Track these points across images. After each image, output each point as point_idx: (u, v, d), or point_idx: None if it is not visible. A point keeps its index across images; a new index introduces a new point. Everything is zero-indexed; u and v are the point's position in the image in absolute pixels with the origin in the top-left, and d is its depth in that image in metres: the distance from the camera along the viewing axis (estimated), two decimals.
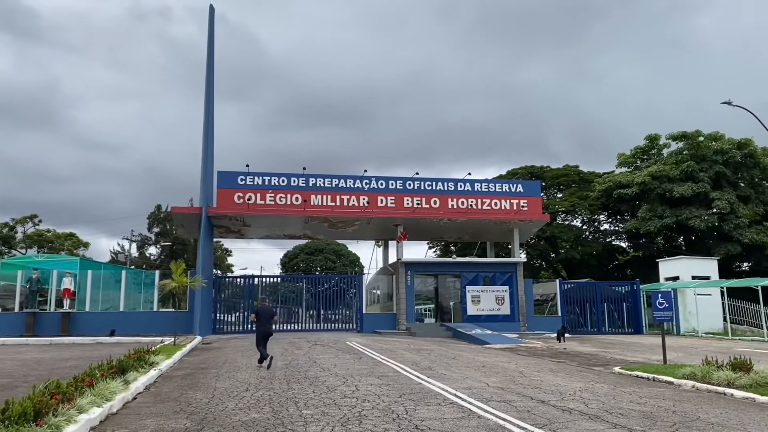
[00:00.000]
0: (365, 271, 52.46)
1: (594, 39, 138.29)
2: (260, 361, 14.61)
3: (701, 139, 40.62)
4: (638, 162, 44.66)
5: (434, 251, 47.79)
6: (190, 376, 13.18)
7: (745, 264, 41.88)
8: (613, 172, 45.88)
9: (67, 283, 27.15)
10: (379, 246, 63.81)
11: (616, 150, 47.98)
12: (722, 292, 31.49)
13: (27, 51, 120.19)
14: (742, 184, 40.54)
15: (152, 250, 71.35)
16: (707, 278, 32.67)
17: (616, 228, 46.28)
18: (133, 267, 51.77)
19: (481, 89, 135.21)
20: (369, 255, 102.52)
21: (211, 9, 29.58)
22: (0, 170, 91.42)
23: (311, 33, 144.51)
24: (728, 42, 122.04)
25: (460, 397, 10.08)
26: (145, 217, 71.62)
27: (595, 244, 45.06)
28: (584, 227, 46.42)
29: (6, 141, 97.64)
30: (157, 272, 29.12)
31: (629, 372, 14.20)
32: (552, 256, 46.64)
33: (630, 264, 46.31)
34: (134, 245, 69.17)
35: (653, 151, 44.44)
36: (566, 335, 25.65)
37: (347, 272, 61.88)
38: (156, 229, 71.77)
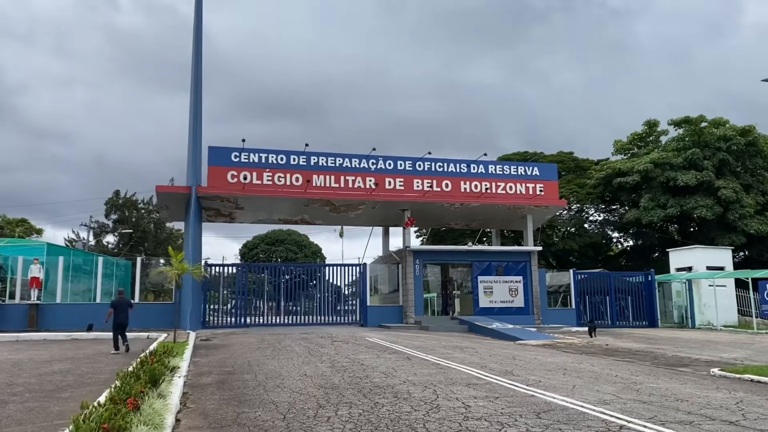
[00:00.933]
0: (328, 261, 49.90)
1: (535, 41, 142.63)
2: (116, 348, 15.99)
3: (704, 124, 39.37)
4: (635, 149, 43.30)
5: (421, 240, 45.52)
6: (226, 385, 10.49)
7: (742, 254, 40.98)
8: (608, 159, 44.48)
9: (36, 271, 23.80)
10: (340, 235, 61.26)
11: (560, 148, 46.30)
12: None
13: None
14: (743, 173, 39.51)
15: (110, 239, 67.08)
16: (721, 269, 31.33)
17: (614, 218, 44.84)
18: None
19: (430, 86, 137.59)
20: (341, 245, 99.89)
21: None
22: None
23: (261, 28, 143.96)
24: (664, 46, 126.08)
25: (615, 416, 7.76)
26: (100, 203, 67.29)
27: (592, 235, 43.56)
28: (584, 215, 44.85)
29: None
30: (139, 259, 25.93)
31: (737, 375, 12.17)
32: (544, 246, 44.92)
33: (625, 255, 45.06)
34: (91, 233, 64.79)
35: (650, 138, 43.15)
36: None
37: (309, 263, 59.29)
38: (114, 216, 67.52)
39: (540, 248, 29.75)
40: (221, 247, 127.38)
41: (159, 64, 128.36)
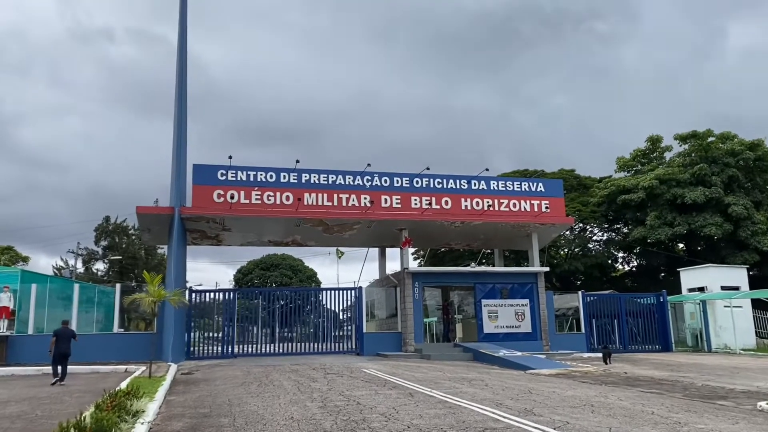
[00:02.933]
0: (323, 286, 48.07)
1: (524, 67, 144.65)
2: (58, 379, 15.65)
3: (711, 139, 38.08)
4: (639, 166, 41.95)
5: (419, 262, 43.81)
6: None
7: (754, 273, 39.41)
8: (611, 177, 43.13)
9: (5, 300, 22.00)
10: (339, 257, 59.57)
11: (555, 168, 44.85)
12: None
13: None
14: (753, 189, 38.11)
15: (99, 266, 65.16)
16: (737, 288, 29.73)
17: (619, 237, 43.27)
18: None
19: (422, 111, 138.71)
20: (337, 269, 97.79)
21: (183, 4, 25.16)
22: None
23: (253, 57, 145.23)
24: (652, 70, 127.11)
25: None
26: (92, 230, 65.64)
27: (598, 255, 41.97)
28: (588, 235, 43.30)
29: None
30: (117, 285, 24.19)
31: None
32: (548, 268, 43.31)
33: (631, 275, 43.47)
34: (80, 260, 62.88)
35: (654, 155, 41.83)
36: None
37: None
38: (104, 243, 65.73)
39: (547, 269, 28.12)
40: (216, 273, 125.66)
41: (152, 92, 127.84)
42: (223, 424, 9.50)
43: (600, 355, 25.10)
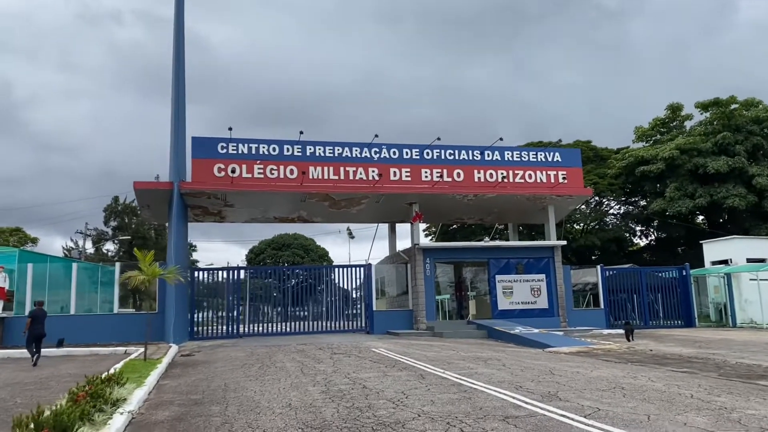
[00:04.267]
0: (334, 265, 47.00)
1: (531, 43, 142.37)
2: (34, 363, 15.24)
3: (734, 106, 36.44)
4: (658, 135, 40.40)
5: (429, 238, 42.72)
6: (182, 424, 7.83)
7: None
8: (629, 148, 41.60)
9: (0, 281, 21.21)
10: (350, 236, 58.52)
11: (570, 140, 43.34)
12: None
13: None
14: None
15: (109, 246, 64.71)
16: (763, 261, 28.39)
17: (636, 210, 41.90)
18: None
19: (429, 91, 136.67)
20: (348, 248, 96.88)
21: None
22: None
23: (259, 38, 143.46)
24: (660, 44, 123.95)
25: None
26: (101, 209, 65.14)
27: (615, 228, 40.66)
28: (604, 208, 41.94)
29: None
30: (117, 264, 23.34)
31: None
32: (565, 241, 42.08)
33: (650, 249, 42.16)
34: (89, 241, 62.41)
35: (674, 123, 40.24)
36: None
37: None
38: (113, 223, 65.22)
39: (564, 242, 26.88)
40: (229, 253, 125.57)
41: (160, 75, 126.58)
42: (213, 413, 8.54)
43: (621, 331, 24.02)
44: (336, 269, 26.55)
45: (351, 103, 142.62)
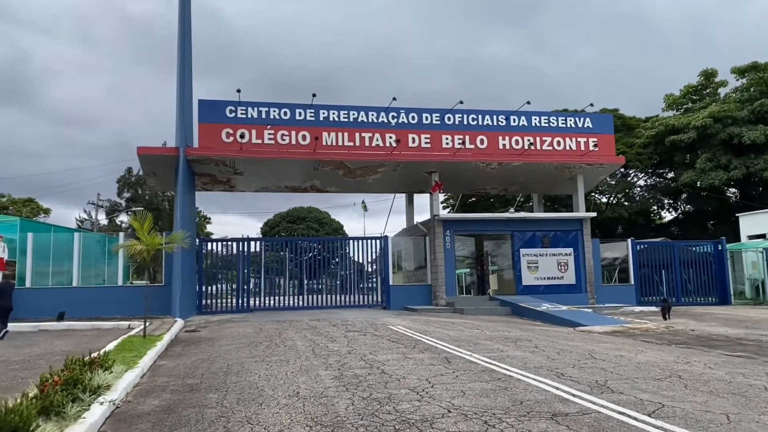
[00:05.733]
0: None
1: (549, 17, 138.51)
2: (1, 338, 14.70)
3: None
4: (690, 104, 38.40)
5: (448, 210, 41.28)
6: (170, 418, 6.62)
7: None
8: (658, 116, 39.66)
9: None
10: (364, 209, 57.16)
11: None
12: None
13: None
14: None
15: (123, 218, 64.07)
16: None
17: (664, 182, 40.11)
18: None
19: (445, 64, 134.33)
20: (363, 222, 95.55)
21: None
22: None
23: (273, 10, 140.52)
24: (681, 17, 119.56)
25: None
26: (115, 181, 64.46)
27: (643, 201, 38.94)
28: (632, 180, 40.19)
29: None
30: (121, 234, 22.26)
31: None
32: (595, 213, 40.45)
33: (678, 223, 40.43)
34: (102, 212, 61.79)
35: (707, 91, 38.19)
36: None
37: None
38: (127, 194, 64.54)
39: (594, 214, 25.35)
40: (244, 227, 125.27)
41: (175, 47, 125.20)
42: (209, 402, 7.32)
43: (653, 309, 22.74)
44: (351, 241, 25.29)
45: (366, 75, 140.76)
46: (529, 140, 23.01)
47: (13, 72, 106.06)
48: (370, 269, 25.89)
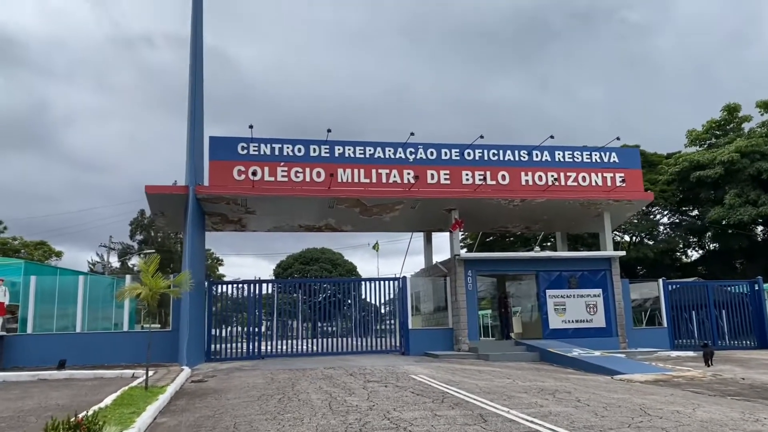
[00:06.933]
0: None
1: (556, 58, 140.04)
2: None
3: None
4: (713, 139, 37.40)
5: (465, 250, 40.06)
6: None
7: None
8: (679, 152, 38.67)
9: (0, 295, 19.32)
10: (376, 249, 56.18)
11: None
12: None
13: (15, 76, 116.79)
14: None
15: (135, 261, 63.42)
16: None
17: (688, 220, 38.81)
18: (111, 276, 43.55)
19: (454, 104, 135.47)
20: (377, 262, 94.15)
21: None
22: None
23: (286, 56, 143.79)
24: (687, 58, 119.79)
25: None
26: (127, 224, 64.18)
27: (669, 240, 37.63)
28: (655, 218, 38.95)
29: None
30: (128, 277, 21.33)
31: None
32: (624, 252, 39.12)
33: (704, 262, 38.96)
34: (114, 255, 61.22)
35: (731, 126, 37.21)
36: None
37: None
38: (139, 237, 64.17)
39: (623, 253, 24.16)
40: (257, 268, 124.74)
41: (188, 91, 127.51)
42: None
43: (690, 354, 21.35)
44: (367, 283, 24.14)
45: (376, 117, 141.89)
46: (552, 176, 22.02)
47: (32, 119, 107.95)
48: (383, 311, 24.74)
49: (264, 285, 23.22)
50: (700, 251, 40.39)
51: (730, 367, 17.25)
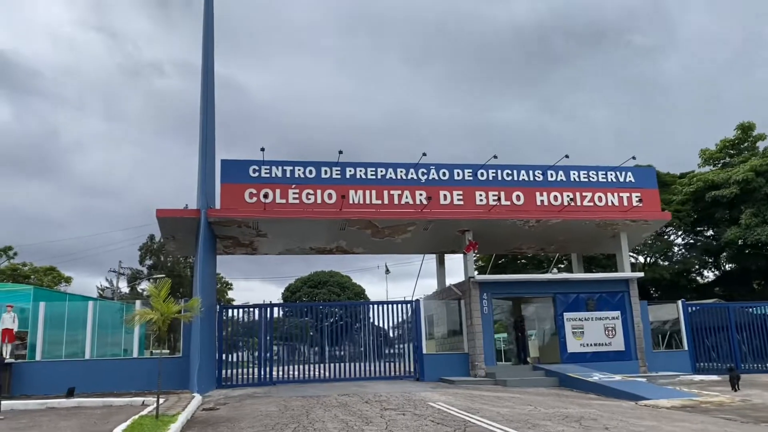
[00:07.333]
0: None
1: (559, 81, 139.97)
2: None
3: None
4: (727, 158, 36.96)
5: (476, 272, 39.51)
6: None
7: None
8: (693, 172, 38.24)
9: (8, 321, 19.04)
10: (387, 272, 55.54)
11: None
12: None
13: (28, 104, 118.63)
14: None
15: (145, 285, 63.18)
16: None
17: (703, 240, 38.24)
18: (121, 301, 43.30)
19: (461, 129, 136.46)
20: (386, 286, 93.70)
21: None
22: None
23: (294, 82, 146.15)
24: (693, 80, 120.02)
25: None
26: (137, 248, 64.14)
27: (685, 260, 37.04)
28: (669, 238, 38.41)
29: (6, 189, 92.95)
30: (137, 302, 21.01)
31: None
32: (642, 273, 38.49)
33: (720, 283, 38.26)
34: (124, 280, 61.03)
35: (745, 145, 36.79)
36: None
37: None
38: (149, 262, 64.01)
39: (641, 274, 23.69)
40: (266, 292, 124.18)
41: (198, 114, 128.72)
42: None
43: (714, 377, 20.79)
44: (378, 306, 23.63)
45: (385, 140, 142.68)
46: (568, 196, 21.67)
47: (44, 146, 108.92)
48: (392, 334, 24.25)
49: (274, 309, 22.84)
50: (717, 272, 39.70)
51: (758, 392, 16.69)
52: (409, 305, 22.74)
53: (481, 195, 21.43)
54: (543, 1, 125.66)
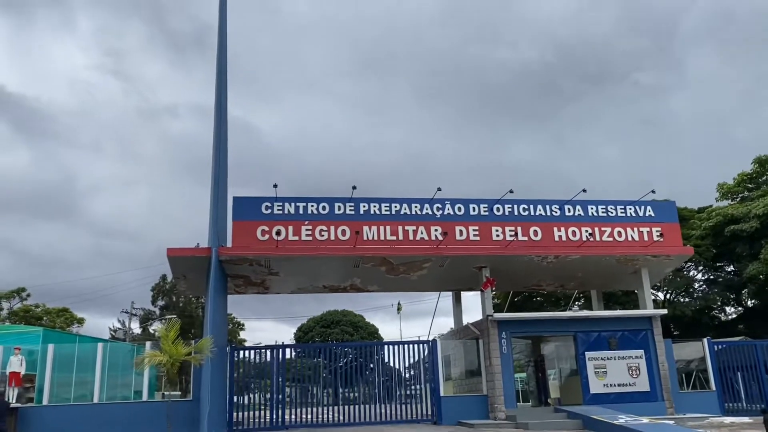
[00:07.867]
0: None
1: (568, 120, 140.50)
2: None
3: None
4: (745, 192, 36.41)
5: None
6: None
7: None
8: (711, 206, 37.67)
9: (15, 364, 18.63)
10: (399, 310, 54.71)
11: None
12: None
13: (44, 148, 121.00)
14: None
15: (157, 326, 62.70)
16: None
17: (723, 276, 37.41)
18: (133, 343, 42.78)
19: (473, 167, 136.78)
20: (399, 325, 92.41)
21: None
22: (16, 260, 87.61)
23: (307, 124, 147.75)
24: (701, 118, 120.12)
25: None
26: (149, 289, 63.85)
27: (707, 297, 36.18)
28: (689, 274, 37.60)
29: (23, 231, 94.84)
30: (147, 344, 20.56)
31: None
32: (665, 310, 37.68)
33: (743, 319, 37.26)
34: (136, 320, 60.63)
35: (763, 178, 36.25)
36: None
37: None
38: (161, 302, 63.61)
39: (665, 311, 23.00)
40: (278, 333, 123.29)
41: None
42: None
43: (745, 420, 19.89)
44: (393, 346, 23.04)
45: (398, 181, 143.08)
46: (587, 231, 21.19)
47: (59, 189, 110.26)
48: (406, 375, 23.57)
49: (287, 350, 22.31)
50: (739, 308, 38.72)
51: None
52: (425, 345, 22.13)
53: (497, 230, 21.00)
54: (549, 42, 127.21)
